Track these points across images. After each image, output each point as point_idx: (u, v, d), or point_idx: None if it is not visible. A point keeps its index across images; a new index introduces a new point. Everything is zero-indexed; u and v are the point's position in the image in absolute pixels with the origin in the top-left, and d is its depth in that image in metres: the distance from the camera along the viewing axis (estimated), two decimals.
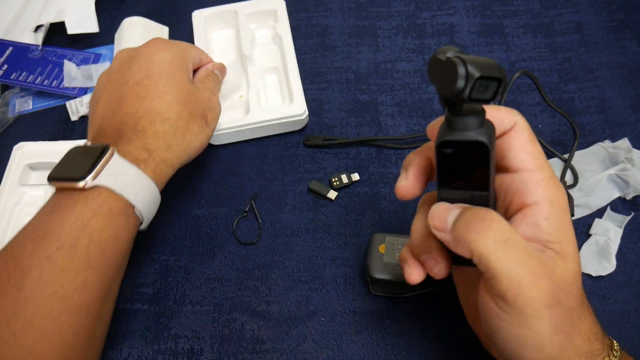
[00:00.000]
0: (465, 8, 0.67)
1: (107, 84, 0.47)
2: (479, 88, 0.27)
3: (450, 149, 0.30)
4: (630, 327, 0.46)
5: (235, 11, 0.65)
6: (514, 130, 0.33)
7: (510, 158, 0.33)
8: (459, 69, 0.26)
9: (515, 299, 0.30)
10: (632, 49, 0.62)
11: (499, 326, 0.32)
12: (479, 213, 0.32)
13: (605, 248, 0.48)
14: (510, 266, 0.30)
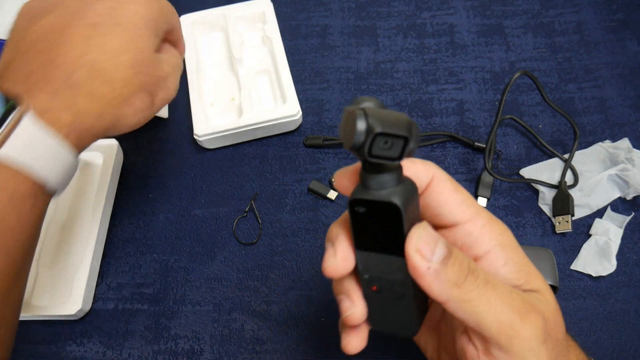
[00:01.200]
0: (465, 8, 0.67)
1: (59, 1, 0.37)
2: (382, 145, 0.25)
3: (362, 208, 0.27)
4: (631, 327, 0.46)
5: (223, 14, 0.65)
6: (435, 185, 0.30)
7: (444, 214, 0.30)
8: (357, 123, 0.24)
9: (510, 341, 0.27)
10: (632, 49, 0.62)
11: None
12: (462, 256, 0.28)
13: (606, 248, 0.48)
14: (497, 309, 0.27)
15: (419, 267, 0.27)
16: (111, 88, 0.36)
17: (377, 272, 0.29)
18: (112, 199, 0.55)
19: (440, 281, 0.27)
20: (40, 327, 0.50)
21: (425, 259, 0.27)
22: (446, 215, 0.30)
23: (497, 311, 0.27)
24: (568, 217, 0.50)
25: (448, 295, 0.27)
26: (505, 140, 0.56)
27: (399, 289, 0.29)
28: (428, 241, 0.27)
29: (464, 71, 0.62)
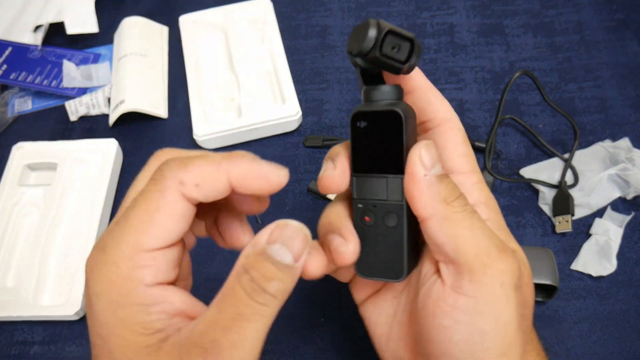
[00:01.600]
0: (465, 8, 0.67)
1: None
2: (391, 44, 0.27)
3: (364, 122, 0.29)
4: (631, 327, 0.46)
5: (223, 14, 0.65)
6: (449, 127, 0.31)
7: (445, 158, 0.31)
8: (371, 23, 0.27)
9: (484, 270, 0.26)
10: (632, 48, 0.62)
11: (454, 324, 0.27)
12: (454, 183, 0.29)
13: (606, 248, 0.48)
14: (477, 235, 0.27)
15: (417, 172, 0.27)
16: None
17: (373, 197, 0.29)
18: (112, 199, 0.55)
19: (431, 192, 0.27)
20: (39, 327, 0.49)
21: (424, 166, 0.27)
22: (447, 159, 0.31)
23: (477, 237, 0.27)
24: (568, 217, 0.50)
25: (435, 208, 0.27)
26: (505, 140, 0.56)
27: (392, 217, 0.29)
28: (432, 154, 0.28)
29: (464, 71, 0.61)
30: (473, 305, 0.26)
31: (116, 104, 0.59)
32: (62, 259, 0.52)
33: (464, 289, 0.27)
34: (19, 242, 0.53)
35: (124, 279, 0.24)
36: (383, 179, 0.29)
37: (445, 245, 0.27)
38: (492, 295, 0.26)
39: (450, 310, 0.27)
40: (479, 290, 0.26)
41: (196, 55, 0.63)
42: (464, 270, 0.27)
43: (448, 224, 0.27)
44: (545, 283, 0.45)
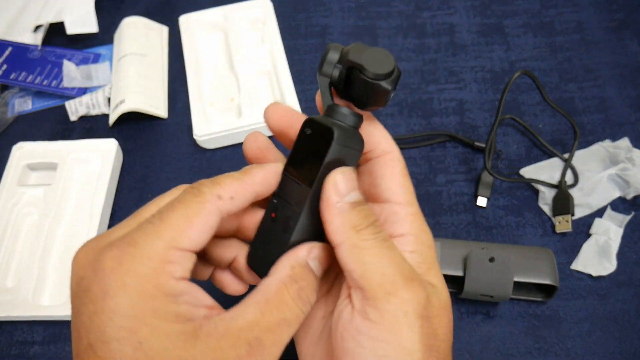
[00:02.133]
0: (465, 8, 0.66)
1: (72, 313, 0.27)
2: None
3: (310, 130, 0.30)
4: (631, 326, 0.46)
5: (223, 14, 0.65)
6: (389, 159, 0.31)
7: (382, 188, 0.31)
8: (387, 53, 0.29)
9: (387, 298, 0.27)
10: (632, 48, 0.62)
11: (358, 347, 0.27)
12: (370, 210, 0.29)
13: (606, 248, 0.48)
14: (384, 264, 0.27)
15: (330, 198, 0.28)
16: None
17: (286, 198, 0.30)
18: (112, 199, 0.55)
19: (342, 219, 0.28)
20: (39, 327, 0.49)
21: (338, 194, 0.28)
22: (385, 189, 0.31)
23: (383, 265, 0.27)
24: (568, 216, 0.50)
25: (344, 235, 0.28)
26: (505, 140, 0.56)
27: (289, 222, 0.30)
28: (348, 181, 0.29)
29: (464, 71, 0.61)
30: (376, 331, 0.27)
31: (116, 103, 0.59)
32: (62, 259, 0.52)
33: (369, 314, 0.27)
34: (19, 242, 0.53)
35: (156, 273, 0.25)
36: (299, 185, 0.30)
37: (353, 272, 0.28)
38: (394, 323, 0.27)
39: (355, 333, 0.27)
40: (382, 318, 0.27)
41: (196, 55, 0.63)
42: (369, 296, 0.27)
43: (356, 251, 0.28)
44: (545, 283, 0.45)
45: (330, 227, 0.28)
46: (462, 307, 0.48)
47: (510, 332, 0.46)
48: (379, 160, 0.32)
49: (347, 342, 0.28)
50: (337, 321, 0.29)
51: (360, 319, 0.27)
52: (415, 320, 0.27)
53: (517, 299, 0.47)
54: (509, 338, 0.46)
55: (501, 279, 0.44)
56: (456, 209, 0.53)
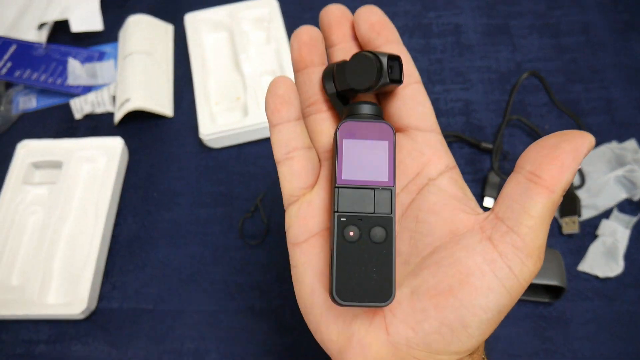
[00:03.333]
0: (471, 8, 0.66)
1: None
2: (391, 68, 0.29)
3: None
4: (638, 328, 0.46)
5: (229, 13, 0.65)
6: (410, 88, 0.31)
7: (413, 115, 0.31)
8: (368, 56, 0.29)
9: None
10: (638, 49, 0.62)
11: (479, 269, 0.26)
12: None
13: (613, 249, 0.48)
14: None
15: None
16: None
17: (358, 210, 0.28)
18: (117, 197, 0.55)
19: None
20: (45, 326, 0.49)
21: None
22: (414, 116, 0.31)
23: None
24: (575, 218, 0.50)
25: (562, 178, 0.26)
26: (511, 141, 0.56)
27: (380, 231, 0.27)
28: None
29: (470, 71, 0.61)
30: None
31: (121, 102, 0.59)
32: (68, 258, 0.51)
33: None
34: (24, 240, 0.53)
35: None
36: (370, 191, 0.28)
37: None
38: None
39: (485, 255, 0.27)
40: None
41: (202, 54, 0.62)
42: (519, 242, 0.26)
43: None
44: (552, 284, 0.45)
45: (558, 170, 0.25)
46: None
47: (517, 333, 0.46)
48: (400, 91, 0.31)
49: (478, 279, 0.26)
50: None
51: (503, 265, 0.26)
52: (523, 290, 0.27)
53: (524, 300, 0.47)
54: (516, 339, 0.46)
55: None
56: None
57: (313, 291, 0.29)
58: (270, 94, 0.31)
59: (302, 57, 0.32)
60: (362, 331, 0.27)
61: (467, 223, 0.27)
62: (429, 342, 0.26)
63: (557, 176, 0.25)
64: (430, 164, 0.30)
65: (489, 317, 0.25)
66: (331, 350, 0.29)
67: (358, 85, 0.29)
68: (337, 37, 0.32)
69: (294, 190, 0.30)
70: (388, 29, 0.32)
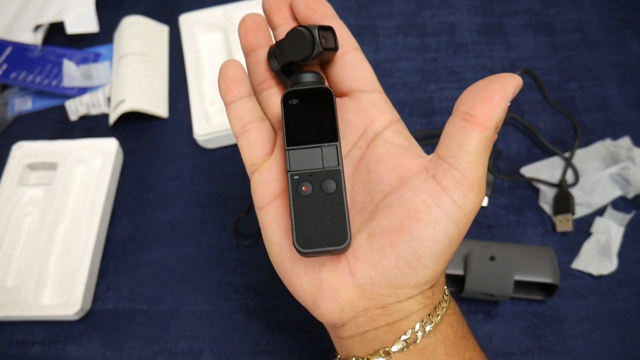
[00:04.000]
0: (466, 7, 0.66)
1: None
2: (324, 38, 0.32)
3: (296, 100, 0.32)
4: (632, 325, 0.46)
5: (224, 14, 0.65)
6: (349, 55, 0.34)
7: (354, 79, 0.34)
8: (301, 29, 0.31)
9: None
10: (633, 48, 0.62)
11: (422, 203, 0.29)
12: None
13: (607, 247, 0.48)
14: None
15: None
16: None
17: (308, 167, 0.31)
18: (112, 198, 0.55)
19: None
20: (39, 327, 0.49)
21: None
22: (356, 80, 0.34)
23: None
24: (569, 215, 0.50)
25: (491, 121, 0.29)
26: (506, 139, 0.56)
27: (331, 183, 0.30)
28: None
29: (464, 70, 0.61)
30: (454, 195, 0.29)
31: (116, 103, 0.59)
32: (63, 259, 0.51)
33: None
34: (19, 241, 0.53)
35: None
36: (317, 149, 0.31)
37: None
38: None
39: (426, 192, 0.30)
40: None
41: (196, 55, 0.62)
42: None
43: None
44: (546, 282, 0.45)
45: (488, 108, 0.27)
46: (462, 305, 0.48)
47: (511, 331, 0.46)
48: (339, 59, 0.34)
49: (425, 214, 0.28)
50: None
51: (448, 199, 0.28)
52: (471, 221, 0.30)
53: (518, 298, 0.47)
54: (510, 337, 0.46)
55: (502, 277, 0.44)
56: None
57: (281, 247, 0.32)
58: (221, 76, 0.34)
59: (248, 41, 0.35)
60: (330, 277, 0.30)
61: (412, 167, 0.30)
62: (389, 278, 0.28)
63: (488, 113, 0.28)
64: (375, 120, 0.33)
65: (439, 247, 0.28)
66: (305, 300, 0.31)
67: (295, 57, 0.32)
68: (279, 19, 0.35)
69: (254, 159, 0.33)
70: (322, 5, 0.35)
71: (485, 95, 0.28)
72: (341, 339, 0.31)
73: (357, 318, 0.30)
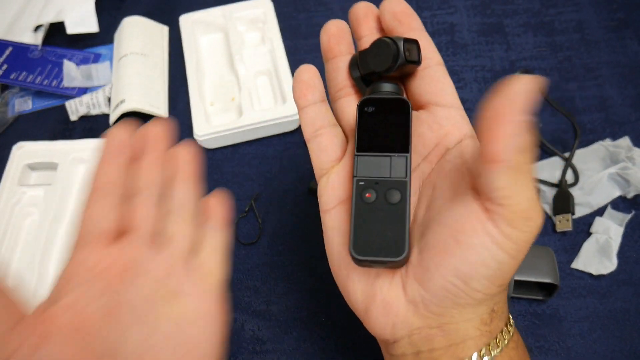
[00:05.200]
0: (465, 7, 0.67)
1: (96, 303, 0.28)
2: (408, 51, 0.31)
3: (372, 107, 0.32)
4: (631, 325, 0.46)
5: (223, 14, 0.65)
6: (430, 68, 0.33)
7: (432, 92, 0.33)
8: (386, 40, 0.31)
9: (528, 223, 0.26)
10: (632, 48, 0.62)
11: (484, 248, 0.27)
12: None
13: (606, 246, 0.48)
14: (531, 189, 0.26)
15: (510, 112, 0.25)
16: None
17: (375, 175, 0.31)
18: None
19: (514, 137, 0.25)
20: None
21: (519, 110, 0.25)
22: (437, 93, 0.32)
23: (529, 191, 0.26)
24: (568, 215, 0.50)
25: (509, 154, 0.25)
26: None
27: (395, 193, 0.30)
28: (525, 97, 0.25)
29: (464, 70, 0.62)
30: (509, 245, 0.27)
31: (116, 103, 0.59)
32: (63, 259, 0.51)
33: (505, 231, 0.26)
34: (19, 242, 0.53)
35: None
36: (387, 158, 0.31)
37: (500, 191, 0.26)
38: (522, 245, 0.27)
39: (484, 236, 0.27)
40: (518, 239, 0.26)
41: (196, 55, 0.63)
42: (509, 217, 0.26)
43: (513, 173, 0.26)
44: (545, 281, 0.45)
45: (496, 142, 0.25)
46: None
47: None
48: (420, 72, 0.33)
49: (472, 238, 0.27)
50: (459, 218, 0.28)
51: (494, 229, 0.26)
52: (527, 247, 0.27)
53: (518, 298, 0.47)
54: None
55: None
56: None
57: (340, 253, 0.32)
58: (296, 81, 0.34)
59: (330, 48, 0.35)
60: (385, 290, 0.29)
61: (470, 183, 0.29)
62: (439, 298, 0.28)
63: (503, 148, 0.25)
64: (449, 135, 0.32)
65: (489, 272, 0.27)
66: (358, 310, 0.31)
67: (378, 67, 0.32)
68: (364, 30, 0.35)
69: (323, 163, 0.33)
70: (410, 17, 0.34)
71: (493, 127, 0.25)
72: (393, 356, 0.31)
73: (411, 336, 0.29)
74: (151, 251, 0.30)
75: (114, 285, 0.29)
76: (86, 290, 0.28)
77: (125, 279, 0.29)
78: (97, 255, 0.29)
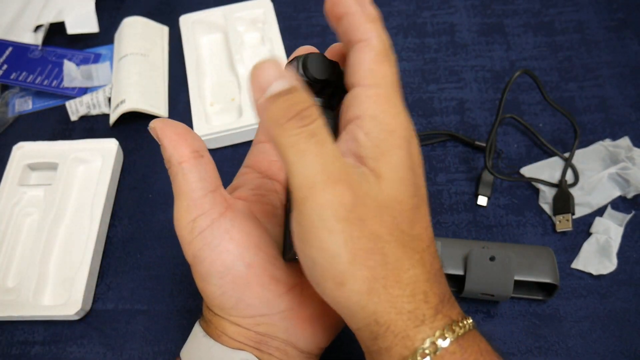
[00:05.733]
0: (465, 7, 0.67)
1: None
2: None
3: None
4: (632, 325, 0.46)
5: (223, 14, 0.65)
6: (362, 45, 0.29)
7: (349, 74, 0.29)
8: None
9: (303, 202, 0.25)
10: (633, 48, 0.62)
11: (299, 250, 0.27)
12: (297, 98, 0.26)
13: (606, 247, 0.48)
14: (307, 163, 0.25)
15: (252, 98, 0.26)
16: None
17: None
18: (112, 198, 0.55)
19: (266, 117, 0.26)
20: (40, 327, 0.50)
21: (259, 90, 0.26)
22: (351, 75, 0.29)
23: (305, 165, 0.25)
24: (568, 215, 0.50)
25: (269, 133, 0.26)
26: (505, 139, 0.56)
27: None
28: (269, 73, 0.26)
29: (464, 70, 0.62)
30: (302, 233, 0.26)
31: (117, 103, 0.59)
32: (63, 259, 0.52)
33: (295, 217, 0.26)
34: (19, 242, 0.53)
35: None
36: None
37: (286, 172, 0.26)
38: (312, 227, 0.26)
39: (293, 235, 0.27)
40: (302, 221, 0.26)
41: (196, 55, 0.63)
42: (293, 198, 0.26)
43: (281, 150, 0.25)
44: (545, 282, 0.45)
45: (261, 129, 0.26)
46: (462, 305, 0.47)
47: (510, 331, 0.46)
48: (353, 48, 0.30)
49: (295, 240, 0.27)
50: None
51: (293, 222, 0.27)
52: (336, 224, 0.25)
53: (518, 298, 0.47)
54: (510, 337, 0.46)
55: (502, 277, 0.44)
56: (457, 208, 0.53)
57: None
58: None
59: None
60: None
61: None
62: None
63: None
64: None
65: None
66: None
67: (320, 75, 0.32)
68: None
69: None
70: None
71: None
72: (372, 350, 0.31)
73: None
74: None
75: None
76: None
77: None
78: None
